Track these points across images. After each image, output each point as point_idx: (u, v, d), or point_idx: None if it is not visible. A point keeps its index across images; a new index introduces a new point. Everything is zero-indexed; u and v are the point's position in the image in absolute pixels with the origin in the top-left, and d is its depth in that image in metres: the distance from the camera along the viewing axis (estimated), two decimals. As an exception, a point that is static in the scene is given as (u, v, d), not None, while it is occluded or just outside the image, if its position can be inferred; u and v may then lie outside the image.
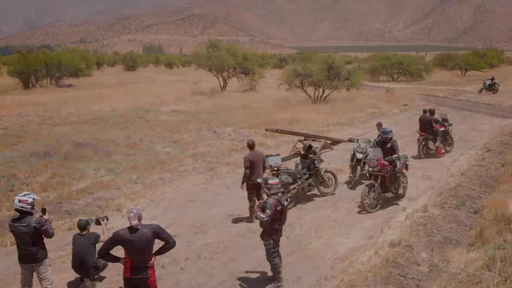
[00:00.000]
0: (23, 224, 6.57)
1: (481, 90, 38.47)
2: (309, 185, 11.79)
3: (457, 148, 17.73)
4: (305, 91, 31.78)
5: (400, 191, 11.67)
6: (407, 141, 18.89)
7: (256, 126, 22.68)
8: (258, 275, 8.05)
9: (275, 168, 11.25)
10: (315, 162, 11.91)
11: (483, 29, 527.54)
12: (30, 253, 6.67)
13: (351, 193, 12.53)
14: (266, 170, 11.41)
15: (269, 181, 7.65)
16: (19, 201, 6.62)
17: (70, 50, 54.50)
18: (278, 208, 7.44)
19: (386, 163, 11.21)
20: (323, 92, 31.54)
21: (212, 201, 11.96)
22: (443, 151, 16.66)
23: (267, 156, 11.68)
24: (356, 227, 10.15)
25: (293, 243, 9.25)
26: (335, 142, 18.76)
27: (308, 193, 12.02)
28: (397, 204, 11.55)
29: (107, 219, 7.92)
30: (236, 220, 10.64)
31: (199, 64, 40.03)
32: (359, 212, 11.01)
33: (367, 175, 11.80)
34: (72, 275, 7.55)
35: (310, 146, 11.98)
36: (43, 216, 6.81)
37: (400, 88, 41.47)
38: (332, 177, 12.39)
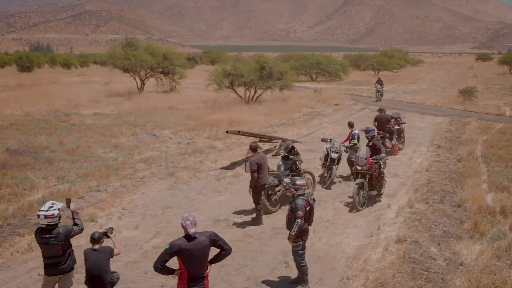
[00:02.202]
0: (53, 235, 6.44)
1: (378, 98, 35.93)
2: (292, 186, 11.98)
3: (406, 145, 18.94)
4: (235, 92, 32.04)
5: (383, 189, 12.30)
6: (358, 139, 19.79)
7: (195, 128, 22.58)
8: (278, 279, 8.09)
9: (260, 170, 11.30)
10: (297, 163, 12.16)
11: (383, 31, 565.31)
12: (60, 262, 6.56)
13: (329, 193, 12.94)
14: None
15: (297, 182, 7.75)
16: (45, 217, 6.38)
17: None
18: (307, 209, 7.61)
19: (374, 161, 11.78)
20: (255, 92, 32.01)
21: (189, 207, 11.72)
22: (397, 148, 17.73)
23: (245, 161, 11.78)
24: (351, 226, 10.52)
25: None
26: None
27: (289, 194, 12.23)
28: (379, 201, 12.14)
29: (113, 229, 7.52)
30: (226, 226, 10.54)
31: (115, 64, 38.68)
32: (348, 211, 11.43)
33: (354, 174, 12.27)
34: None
35: (292, 147, 12.19)
36: (69, 208, 6.90)
37: (323, 88, 43.18)
38: (310, 177, 12.69)
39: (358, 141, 14.54)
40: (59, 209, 6.48)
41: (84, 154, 16.59)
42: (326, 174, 13.59)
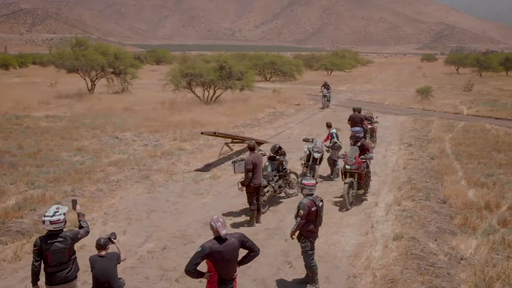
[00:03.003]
0: (60, 240, 6.28)
1: (324, 104, 32.04)
2: (280, 186, 12.12)
3: (377, 144, 19.47)
4: (193, 92, 31.87)
5: (369, 188, 12.63)
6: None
7: (158, 130, 22.33)
8: (285, 279, 8.16)
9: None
10: (283, 163, 12.28)
11: (330, 31, 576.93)
12: (64, 269, 6.40)
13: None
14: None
15: (303, 181, 7.85)
16: (51, 222, 6.21)
17: None
18: (312, 209, 7.72)
19: (362, 161, 12.07)
20: (214, 92, 31.96)
21: (174, 210, 11.62)
22: (371, 147, 18.18)
23: (234, 162, 11.85)
24: (344, 225, 10.73)
25: (295, 245, 9.45)
26: (259, 143, 19.27)
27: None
28: (366, 199, 12.45)
29: (116, 235, 7.35)
30: (218, 228, 10.49)
31: (63, 65, 37.57)
32: (338, 210, 11.66)
33: (342, 173, 12.50)
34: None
35: (279, 148, 12.28)
36: (75, 210, 6.85)
37: (280, 88, 43.58)
38: (295, 177, 12.84)
39: (337, 139, 14.84)
40: (64, 214, 6.34)
41: (48, 158, 16.07)
42: (309, 174, 13.77)
